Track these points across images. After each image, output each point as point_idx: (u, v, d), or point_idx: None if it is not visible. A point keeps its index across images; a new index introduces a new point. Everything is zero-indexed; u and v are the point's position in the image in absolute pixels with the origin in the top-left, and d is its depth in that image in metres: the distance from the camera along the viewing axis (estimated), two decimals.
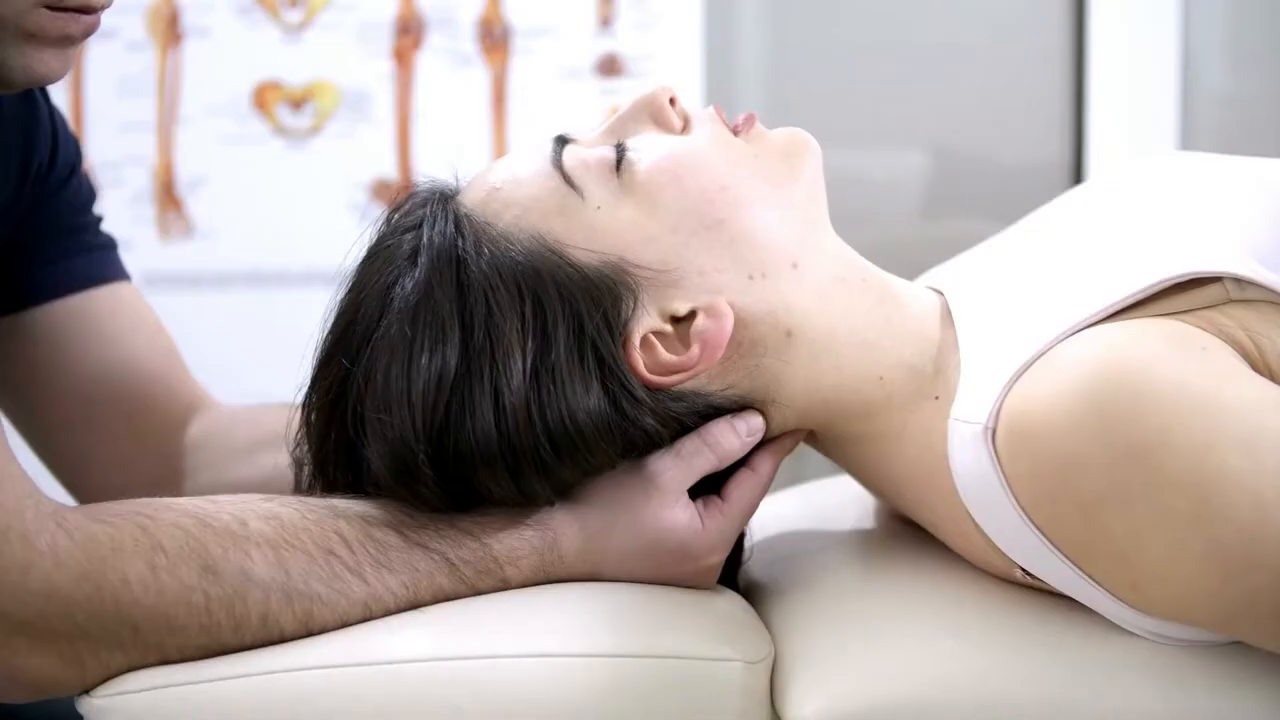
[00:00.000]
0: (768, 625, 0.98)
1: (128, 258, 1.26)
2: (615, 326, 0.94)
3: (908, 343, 0.98)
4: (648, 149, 0.98)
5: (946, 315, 1.00)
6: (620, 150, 0.98)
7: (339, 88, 2.09)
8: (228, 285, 2.09)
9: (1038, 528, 0.88)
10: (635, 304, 0.95)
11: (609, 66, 2.12)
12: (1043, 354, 0.89)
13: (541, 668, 0.87)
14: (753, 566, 1.08)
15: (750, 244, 0.96)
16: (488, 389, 0.92)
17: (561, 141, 1.00)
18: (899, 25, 2.22)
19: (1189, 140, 2.21)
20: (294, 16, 2.08)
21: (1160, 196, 1.00)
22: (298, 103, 2.09)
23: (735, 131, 1.00)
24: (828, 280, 0.98)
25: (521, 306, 0.93)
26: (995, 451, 0.89)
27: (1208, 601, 0.84)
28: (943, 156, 2.27)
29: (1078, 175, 2.22)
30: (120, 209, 2.05)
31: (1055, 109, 2.23)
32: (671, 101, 1.01)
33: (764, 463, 0.99)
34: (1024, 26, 2.22)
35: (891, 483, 1.00)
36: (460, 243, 0.95)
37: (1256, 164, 1.01)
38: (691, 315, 0.95)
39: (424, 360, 0.92)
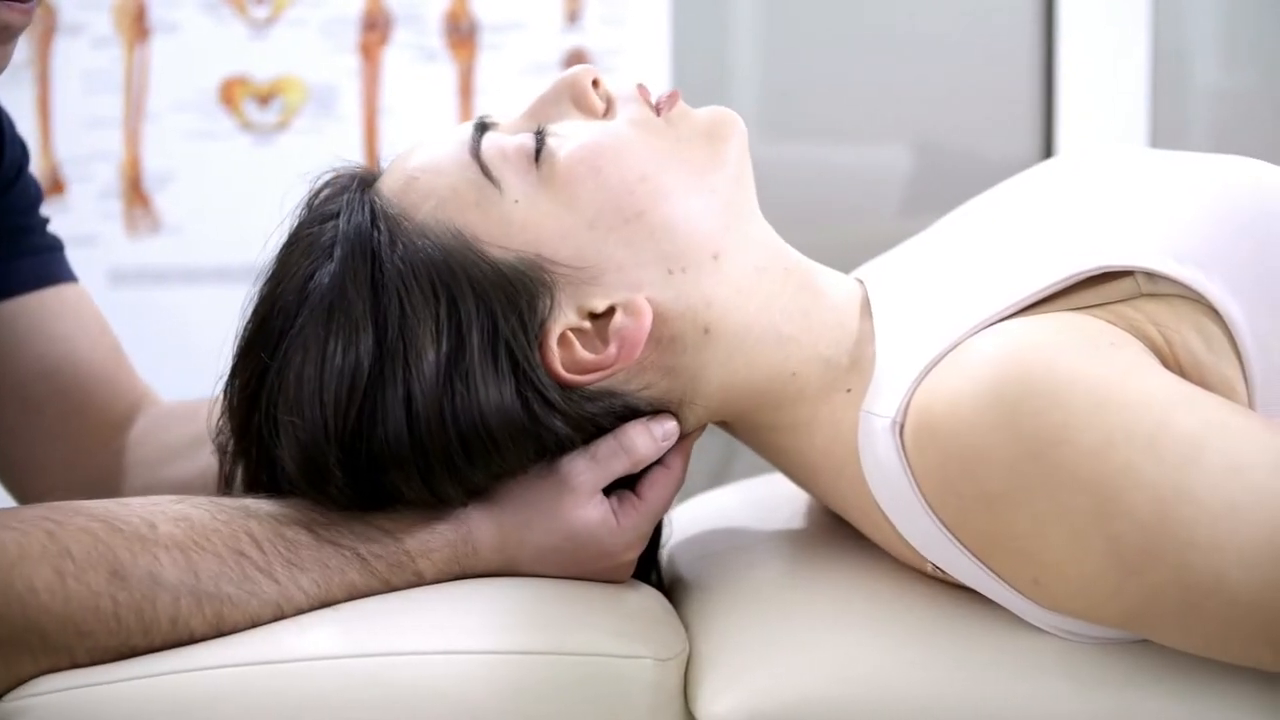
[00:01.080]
0: (687, 621, 0.98)
1: (95, 254, 1.26)
2: (530, 327, 0.93)
3: (823, 335, 0.98)
4: (567, 137, 0.96)
5: (866, 306, 0.99)
6: (540, 139, 0.96)
7: (306, 83, 2.09)
8: (195, 281, 2.09)
9: (943, 523, 0.88)
10: (552, 302, 0.94)
11: (576, 62, 2.11)
12: (953, 348, 0.89)
13: (449, 664, 0.87)
14: (679, 562, 1.08)
15: (671, 236, 0.95)
16: (400, 391, 0.91)
17: (482, 128, 0.99)
18: (875, 20, 2.22)
19: (1180, 134, 2.21)
20: (261, 12, 2.08)
21: (1083, 190, 1.00)
22: (265, 98, 2.09)
23: (658, 110, 0.99)
24: (749, 270, 0.97)
25: (436, 307, 0.92)
26: (903, 446, 0.89)
27: (1109, 599, 0.84)
28: (924, 152, 2.27)
29: None
30: (87, 205, 2.06)
31: (1036, 105, 2.23)
32: (595, 84, 0.99)
33: (676, 459, 0.99)
34: (1002, 22, 2.21)
35: (803, 470, 1.00)
36: (375, 236, 0.94)
37: (1194, 160, 1.00)
38: (610, 312, 0.95)
39: (337, 362, 0.91)
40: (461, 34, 2.10)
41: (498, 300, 0.92)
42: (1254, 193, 0.93)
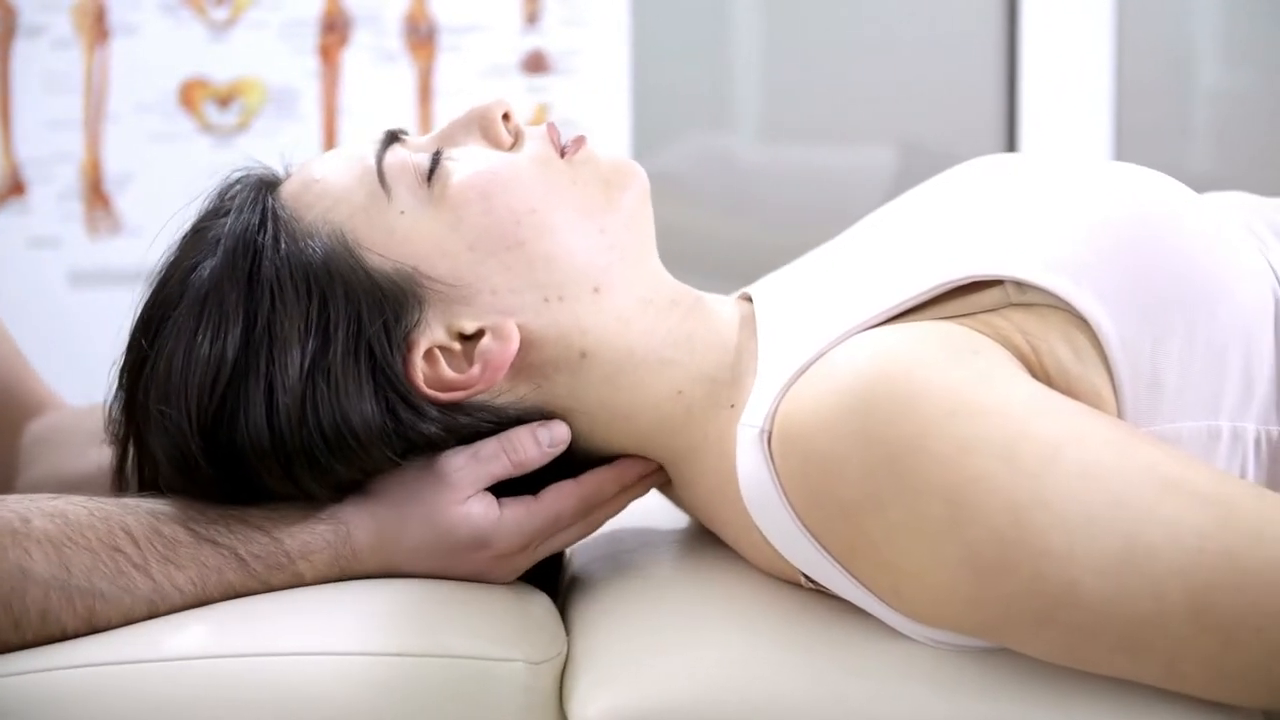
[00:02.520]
0: (572, 622, 0.98)
1: (55, 255, 1.26)
2: (395, 336, 0.94)
3: (707, 356, 0.98)
4: (464, 162, 0.98)
5: (751, 323, 1.00)
6: (436, 159, 0.98)
7: (266, 85, 2.11)
8: None
9: (810, 531, 0.89)
10: (420, 316, 0.95)
11: (535, 63, 2.12)
12: (819, 356, 0.89)
13: (318, 665, 0.88)
14: (577, 561, 1.09)
15: (549, 268, 0.96)
16: (262, 385, 0.93)
17: (391, 138, 1.00)
18: (856, 27, 2.23)
19: (1182, 134, 2.23)
20: (220, 14, 2.09)
21: (968, 200, 1.00)
22: (225, 100, 2.10)
23: (563, 153, 1.00)
24: (632, 302, 0.98)
25: (307, 305, 0.94)
26: (770, 454, 0.89)
27: (966, 608, 0.84)
28: (908, 152, 2.27)
29: None
30: (48, 206, 2.07)
31: (1002, 110, 2.24)
32: (506, 117, 1.01)
33: (591, 478, 0.99)
34: (968, 34, 2.23)
35: (700, 502, 1.01)
36: (261, 235, 0.96)
37: (1087, 169, 0.99)
38: (479, 334, 0.96)
39: (204, 351, 0.93)
40: (420, 36, 2.11)
41: (366, 306, 0.94)
42: (1137, 203, 0.93)
